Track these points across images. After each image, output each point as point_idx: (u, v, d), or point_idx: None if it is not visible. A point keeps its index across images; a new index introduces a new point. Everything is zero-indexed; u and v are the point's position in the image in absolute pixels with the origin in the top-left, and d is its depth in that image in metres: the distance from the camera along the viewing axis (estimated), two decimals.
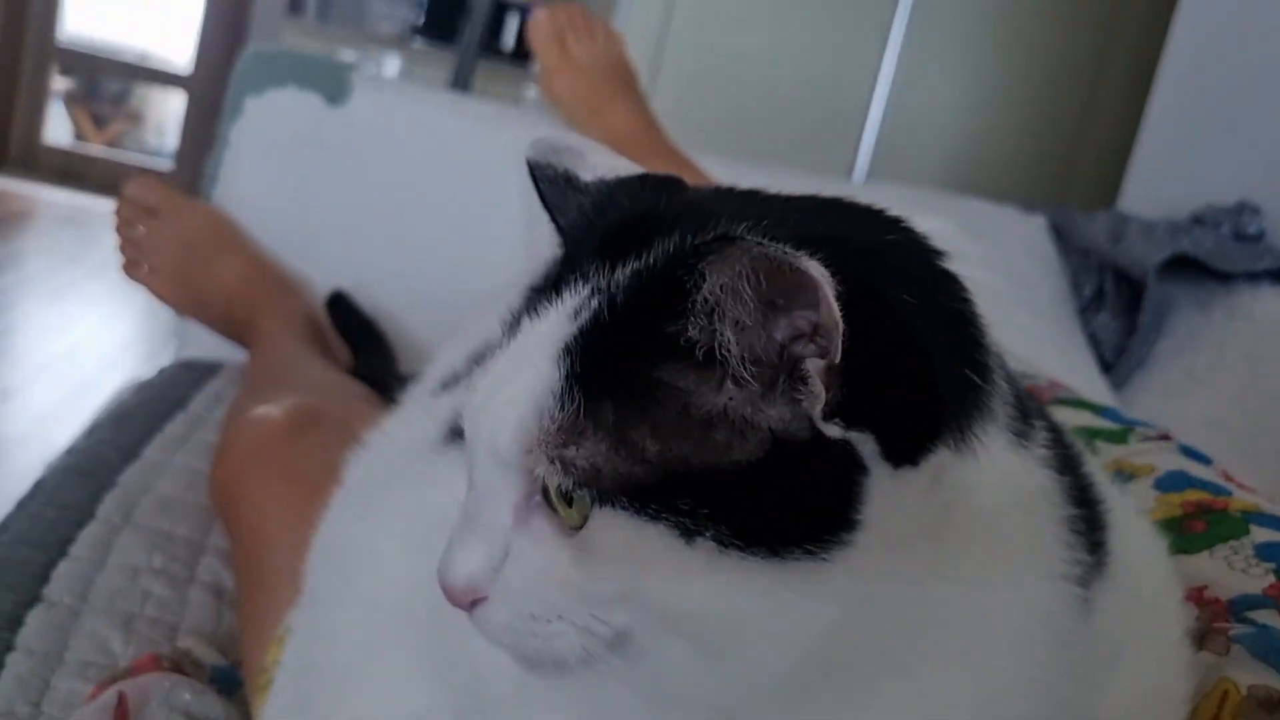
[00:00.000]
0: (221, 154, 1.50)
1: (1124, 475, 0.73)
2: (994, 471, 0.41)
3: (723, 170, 1.37)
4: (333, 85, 1.51)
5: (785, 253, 0.34)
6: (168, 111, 5.17)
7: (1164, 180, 1.52)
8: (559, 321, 0.41)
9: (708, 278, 0.36)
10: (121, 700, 0.70)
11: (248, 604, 0.86)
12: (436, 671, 0.55)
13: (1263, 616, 0.58)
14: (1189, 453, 0.78)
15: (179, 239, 1.41)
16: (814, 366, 0.36)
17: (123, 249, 1.42)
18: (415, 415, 0.78)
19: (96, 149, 4.86)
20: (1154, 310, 1.29)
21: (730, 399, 0.38)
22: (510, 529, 0.41)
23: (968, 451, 0.40)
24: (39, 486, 1.00)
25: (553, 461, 0.39)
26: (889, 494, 0.38)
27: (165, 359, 1.51)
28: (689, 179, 0.50)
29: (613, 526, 0.39)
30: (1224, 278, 1.30)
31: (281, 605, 0.77)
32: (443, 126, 1.55)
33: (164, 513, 1.00)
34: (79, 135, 4.94)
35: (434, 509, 0.60)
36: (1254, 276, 1.27)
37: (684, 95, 2.54)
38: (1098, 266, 1.42)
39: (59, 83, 4.83)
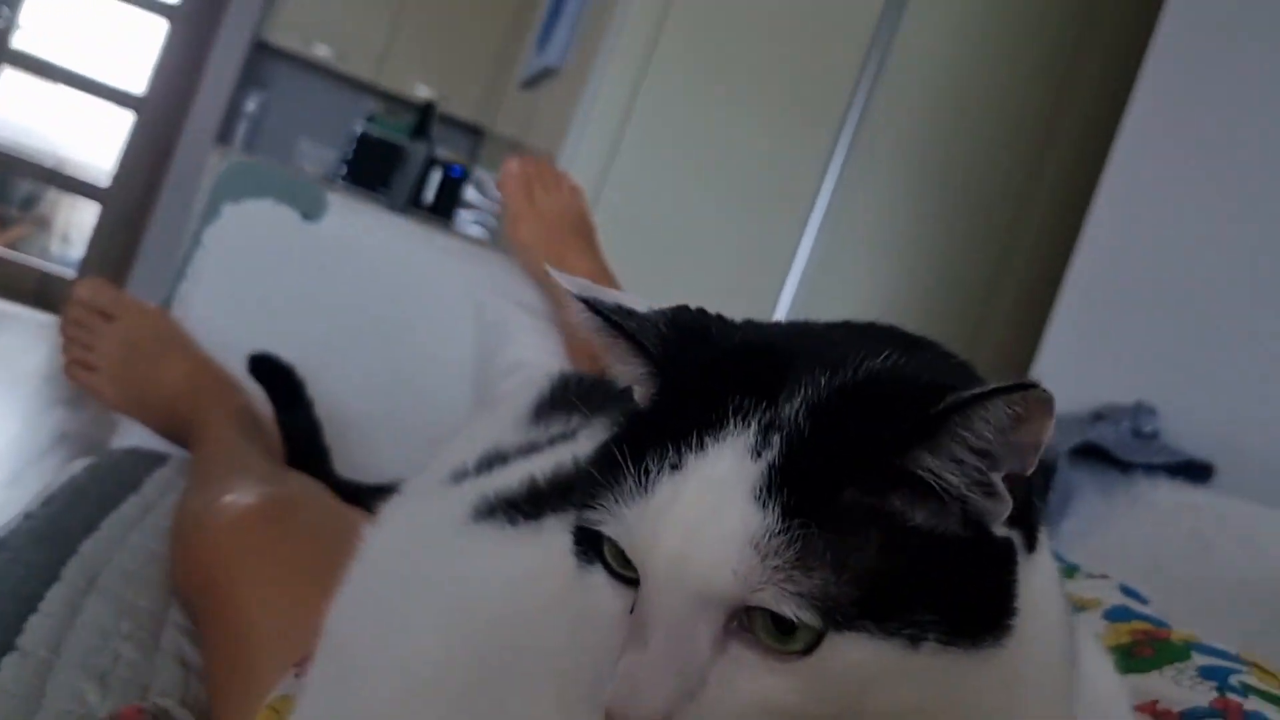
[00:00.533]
0: (193, 253, 1.53)
1: (1075, 607, 0.81)
2: (1044, 558, 0.48)
3: None
4: (310, 202, 1.58)
5: (1047, 395, 0.40)
6: (75, 221, 5.13)
7: (1066, 380, 1.66)
8: (737, 461, 0.43)
9: (979, 422, 0.41)
10: None
11: (226, 680, 0.87)
12: None
13: None
14: (1129, 591, 0.88)
15: (126, 340, 1.43)
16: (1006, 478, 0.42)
17: (67, 349, 1.44)
18: (428, 499, 0.82)
19: None
20: (1062, 493, 1.41)
21: (951, 515, 0.43)
22: (708, 660, 0.42)
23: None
24: (1, 544, 1.00)
25: (790, 594, 0.41)
26: (1023, 581, 0.44)
27: (47, 467, 1.51)
28: None
29: (850, 648, 0.41)
30: (1124, 469, 1.43)
31: (265, 682, 0.79)
32: (410, 254, 1.62)
33: (127, 583, 1.00)
34: None
35: (469, 581, 0.64)
36: (1151, 469, 1.40)
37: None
38: None
39: None
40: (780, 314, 2.69)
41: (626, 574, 0.46)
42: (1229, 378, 1.48)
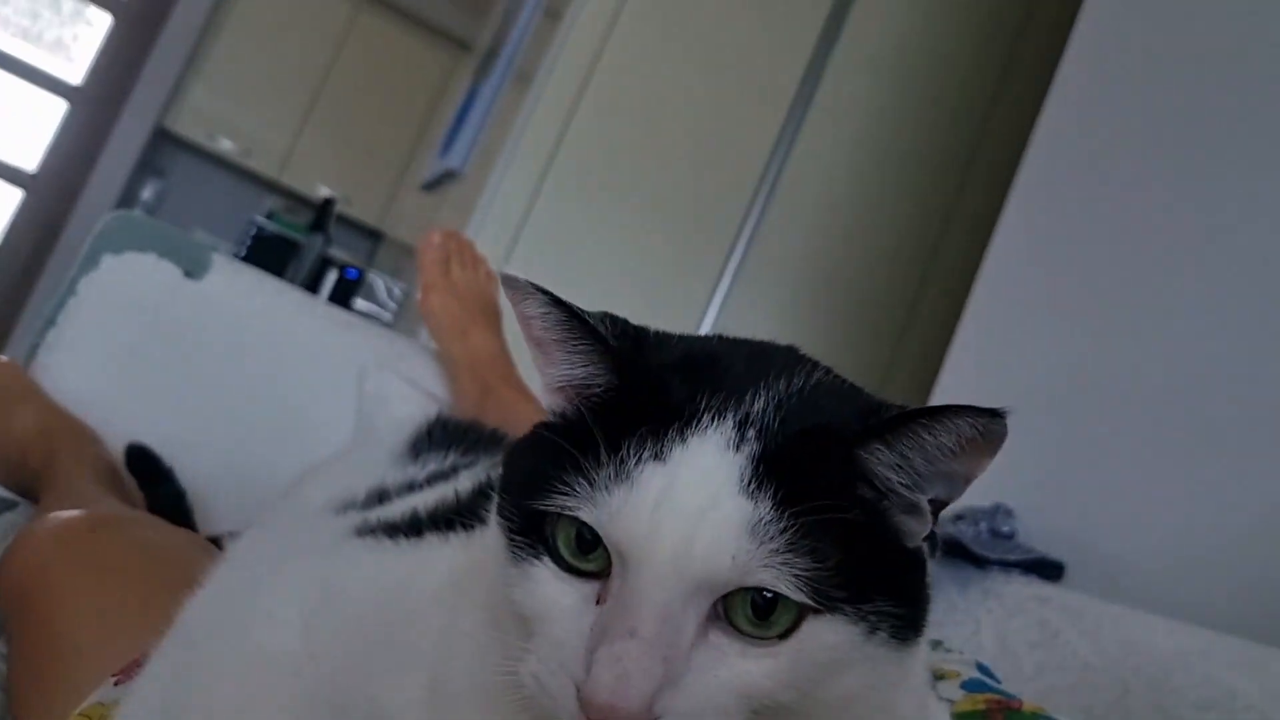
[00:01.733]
0: (65, 300, 1.51)
1: (935, 675, 0.85)
2: None
3: None
4: (194, 260, 1.57)
5: (1004, 429, 0.46)
6: None
7: None
8: (719, 453, 0.46)
9: (941, 433, 0.46)
10: None
11: (29, 688, 0.84)
12: None
13: None
14: (984, 670, 0.92)
15: None
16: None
17: None
18: (302, 520, 0.82)
19: None
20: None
21: (908, 517, 0.48)
22: (691, 643, 0.44)
23: None
24: None
25: (785, 574, 0.44)
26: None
27: None
28: (528, 410, 0.60)
29: (827, 630, 0.44)
30: (980, 564, 1.47)
31: (80, 686, 0.77)
32: (289, 319, 1.62)
33: None
34: None
35: (341, 582, 0.65)
36: (1006, 566, 1.44)
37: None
38: None
39: None
40: None
41: (580, 565, 0.47)
42: (1083, 483, 1.54)
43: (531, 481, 0.48)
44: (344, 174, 4.91)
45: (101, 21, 4.74)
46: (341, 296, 4.39)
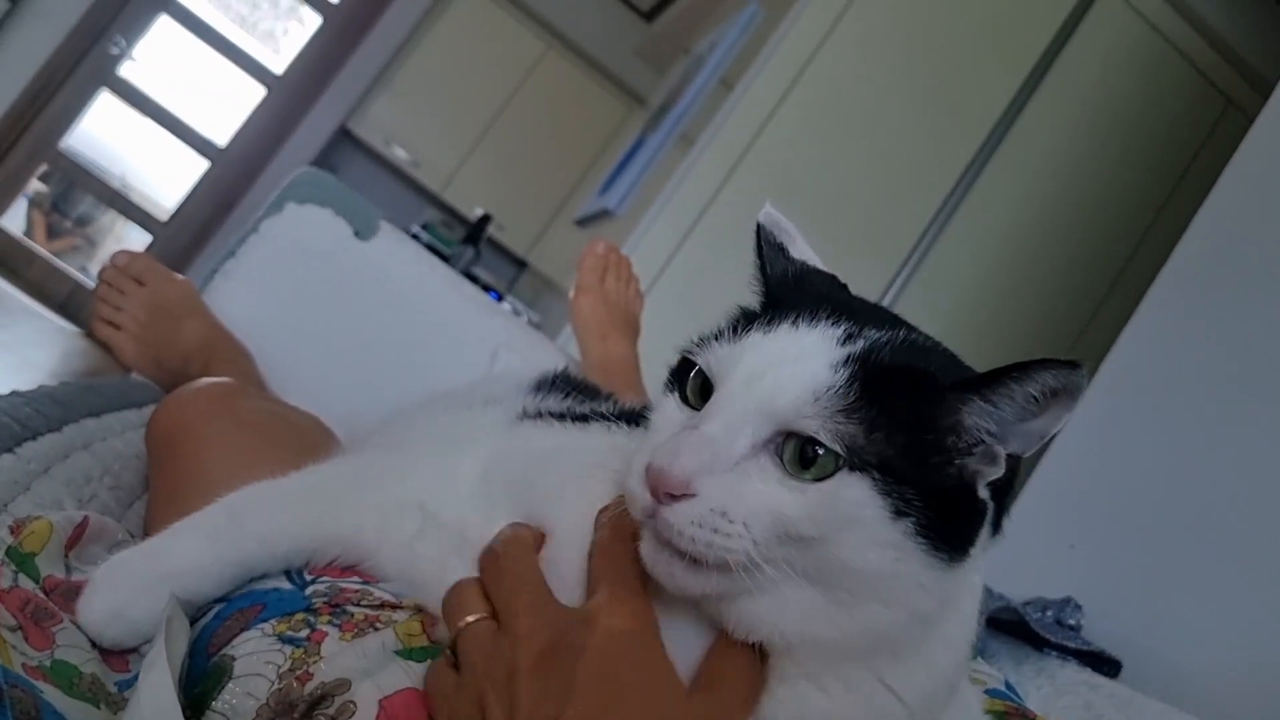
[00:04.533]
0: (248, 236, 1.66)
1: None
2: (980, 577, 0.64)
3: None
4: (365, 223, 1.71)
5: (1084, 388, 0.54)
6: (121, 248, 5.31)
7: (1009, 573, 1.74)
8: (824, 341, 0.57)
9: (1029, 383, 0.54)
10: (84, 521, 0.79)
11: (163, 512, 0.93)
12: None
13: None
14: (1011, 688, 0.97)
15: (151, 305, 1.55)
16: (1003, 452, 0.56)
17: (99, 309, 1.56)
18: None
19: (43, 252, 4.94)
20: (975, 651, 1.48)
21: (961, 448, 0.56)
22: (743, 455, 0.55)
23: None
24: (17, 393, 1.08)
25: (829, 429, 0.53)
26: (975, 555, 0.57)
27: None
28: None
29: (850, 488, 0.53)
30: (1039, 647, 1.50)
31: None
32: (438, 292, 1.75)
33: (116, 458, 1.09)
34: (28, 235, 5.03)
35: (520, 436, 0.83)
36: (1065, 653, 1.47)
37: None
38: None
39: (34, 184, 4.97)
40: None
41: (693, 400, 0.60)
42: (1154, 590, 1.57)
43: (693, 342, 0.62)
44: (502, 200, 5.12)
45: (312, 21, 5.07)
46: None
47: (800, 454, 0.54)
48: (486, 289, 4.77)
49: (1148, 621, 1.54)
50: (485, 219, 4.79)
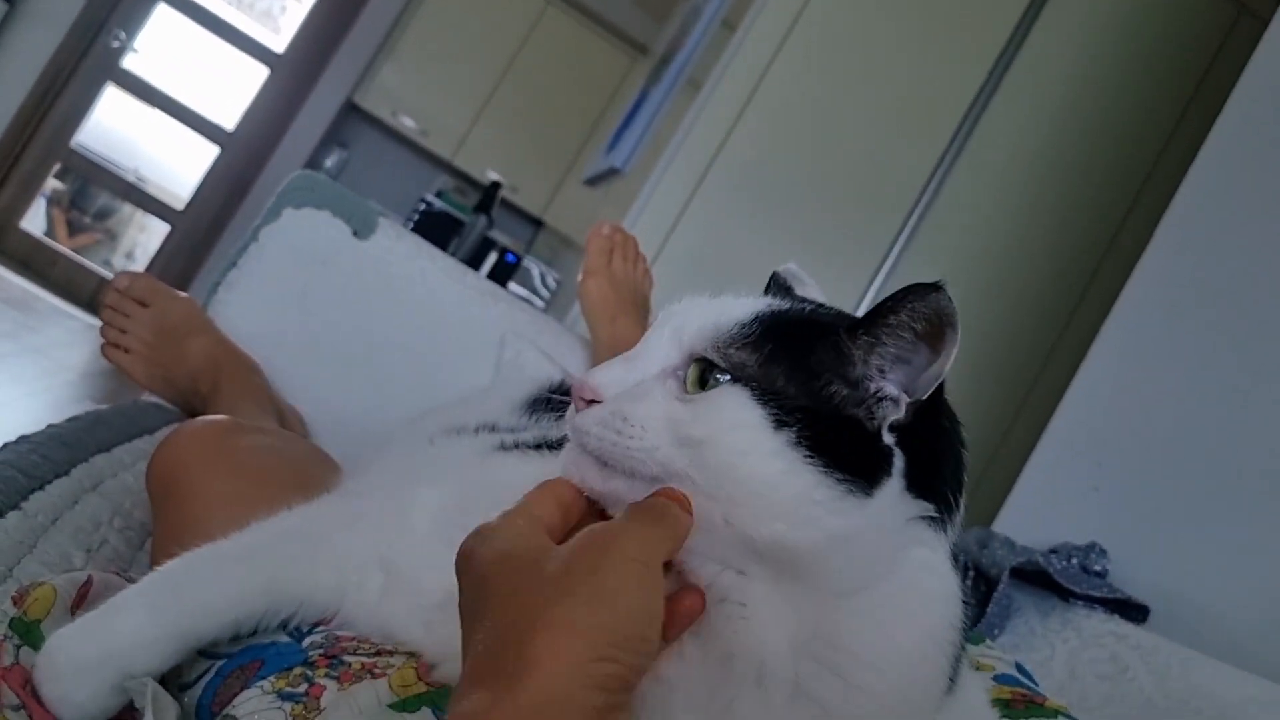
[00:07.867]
0: (247, 245, 1.67)
1: (972, 666, 0.91)
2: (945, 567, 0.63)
3: None
4: (363, 222, 1.71)
5: (954, 311, 0.58)
6: (142, 241, 5.35)
7: (1032, 519, 1.74)
8: (747, 304, 0.65)
9: (905, 307, 0.58)
10: (89, 581, 0.80)
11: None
12: None
13: None
14: (1022, 669, 0.97)
15: (156, 325, 1.56)
16: (905, 394, 0.60)
17: (105, 333, 1.57)
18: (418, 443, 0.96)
19: (66, 250, 4.99)
20: (1001, 606, 1.48)
21: (850, 379, 0.60)
22: (653, 377, 0.62)
23: (938, 528, 0.62)
24: (25, 439, 1.10)
25: (723, 354, 0.61)
26: (886, 500, 0.59)
27: None
28: None
29: (730, 395, 0.59)
30: (1065, 597, 1.49)
31: None
32: (440, 285, 1.75)
33: (126, 495, 1.11)
34: (50, 234, 5.08)
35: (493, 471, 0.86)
36: (1090, 602, 1.47)
37: None
38: (964, 565, 1.61)
39: (51, 182, 5.01)
40: None
41: None
42: (1181, 534, 1.55)
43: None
44: (514, 162, 5.11)
45: None
46: (499, 279, 4.58)
47: (701, 377, 0.61)
48: (504, 251, 4.78)
49: (1175, 564, 1.53)
50: (496, 185, 4.77)
